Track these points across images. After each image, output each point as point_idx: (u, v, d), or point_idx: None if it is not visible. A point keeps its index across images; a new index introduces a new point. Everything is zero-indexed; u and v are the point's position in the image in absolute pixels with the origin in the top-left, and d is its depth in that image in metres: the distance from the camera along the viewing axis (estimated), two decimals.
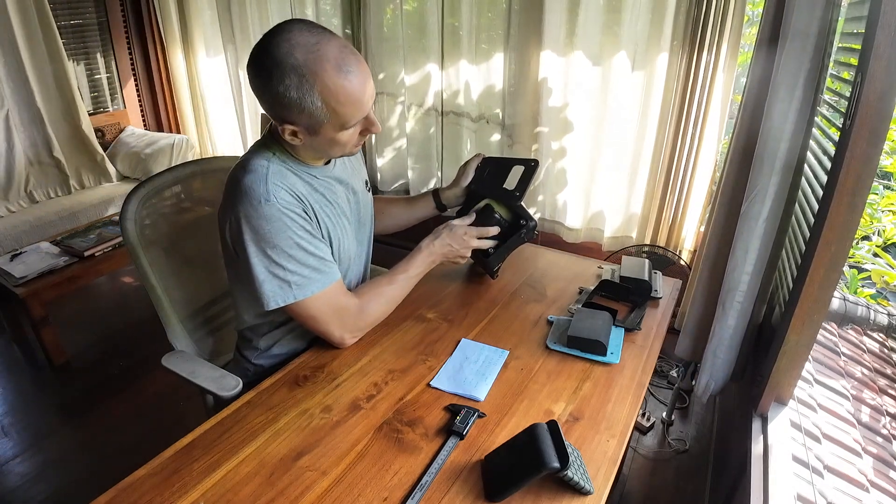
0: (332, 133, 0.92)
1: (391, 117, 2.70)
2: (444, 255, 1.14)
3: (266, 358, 1.14)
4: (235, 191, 0.94)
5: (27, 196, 2.78)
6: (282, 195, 0.93)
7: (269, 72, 0.85)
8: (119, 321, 2.57)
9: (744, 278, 1.31)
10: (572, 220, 2.40)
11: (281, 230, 0.92)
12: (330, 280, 0.99)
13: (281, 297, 0.95)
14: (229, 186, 0.96)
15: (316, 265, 0.97)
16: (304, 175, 1.01)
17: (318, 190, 1.02)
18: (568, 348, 1.06)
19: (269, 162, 0.96)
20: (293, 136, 0.93)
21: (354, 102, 0.89)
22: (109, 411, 1.99)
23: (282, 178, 0.95)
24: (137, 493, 0.75)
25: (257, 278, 0.94)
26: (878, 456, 1.13)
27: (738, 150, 1.36)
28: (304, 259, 0.95)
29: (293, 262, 0.94)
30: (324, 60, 0.84)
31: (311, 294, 0.97)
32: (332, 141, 0.94)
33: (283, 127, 0.91)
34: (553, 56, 2.15)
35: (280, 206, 0.92)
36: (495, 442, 0.85)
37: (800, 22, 1.10)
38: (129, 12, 3.18)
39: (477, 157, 1.31)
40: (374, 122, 0.96)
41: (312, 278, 0.97)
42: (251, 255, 0.93)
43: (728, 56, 1.86)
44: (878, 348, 1.62)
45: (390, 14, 2.50)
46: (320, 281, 0.98)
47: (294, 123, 0.90)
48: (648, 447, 1.84)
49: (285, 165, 0.98)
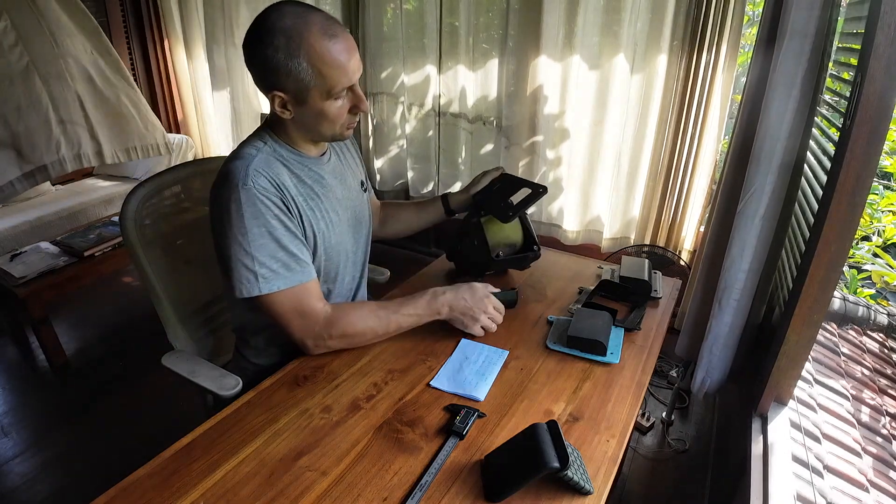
0: (319, 102, 0.93)
1: (391, 118, 2.70)
2: (451, 308, 1.06)
3: (265, 357, 1.14)
4: (219, 176, 0.95)
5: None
6: (260, 181, 0.93)
7: (259, 37, 0.89)
8: (119, 321, 2.57)
9: (740, 276, 1.31)
10: (570, 222, 2.40)
11: (254, 216, 0.92)
12: (299, 279, 0.97)
13: (246, 288, 0.95)
14: (218, 172, 0.97)
15: (286, 260, 0.96)
16: (295, 165, 1.01)
17: (306, 182, 1.02)
18: (568, 348, 1.06)
19: (259, 150, 0.97)
20: (283, 109, 0.95)
21: (340, 66, 0.90)
22: (109, 411, 2.00)
23: (267, 166, 0.95)
24: (137, 493, 0.75)
25: (230, 264, 0.94)
26: (878, 456, 1.13)
27: (737, 149, 1.36)
28: (273, 251, 0.94)
29: (262, 252, 0.93)
30: (311, 24, 0.88)
31: (276, 289, 0.95)
32: (321, 114, 0.95)
33: (272, 95, 0.93)
34: (552, 57, 2.15)
35: (256, 191, 0.92)
36: (495, 442, 0.85)
37: (798, 22, 1.10)
38: (128, 12, 3.18)
39: (496, 170, 1.33)
40: (362, 98, 0.97)
41: (280, 273, 0.95)
42: (228, 238, 0.93)
43: (728, 56, 1.86)
44: (878, 348, 1.62)
45: (390, 13, 2.50)
46: (287, 278, 0.96)
47: (282, 90, 0.92)
48: (648, 447, 1.84)
49: (276, 155, 0.99)
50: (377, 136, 2.75)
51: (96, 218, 2.74)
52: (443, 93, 2.50)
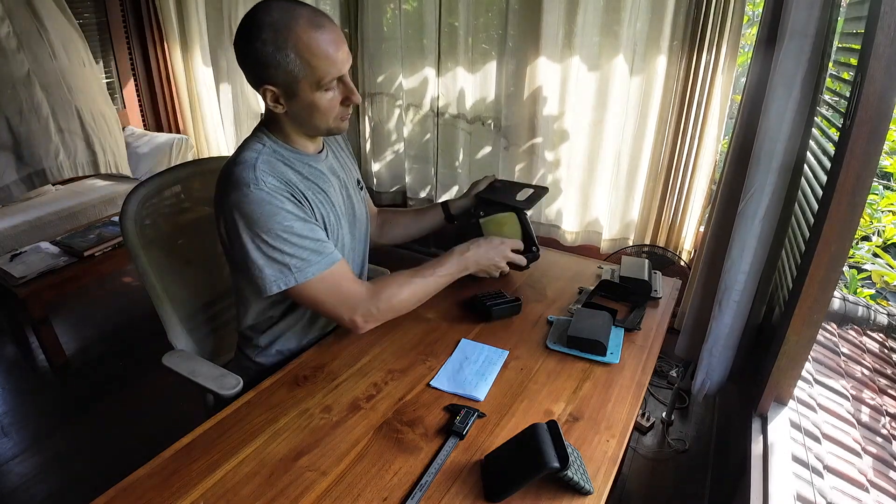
0: (309, 94, 0.94)
1: (389, 119, 2.70)
2: (477, 262, 1.12)
3: (267, 356, 1.14)
4: (225, 183, 0.95)
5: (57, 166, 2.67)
6: (269, 180, 0.94)
7: (248, 32, 0.90)
8: (119, 321, 2.57)
9: (740, 277, 1.31)
10: (569, 223, 2.40)
11: (272, 213, 0.93)
12: (331, 261, 0.99)
13: (282, 281, 0.95)
14: (220, 180, 0.97)
15: (313, 247, 0.97)
16: (296, 163, 1.01)
17: (309, 178, 1.02)
18: (568, 348, 1.06)
19: (259, 153, 0.98)
20: (275, 103, 0.96)
21: (328, 56, 0.91)
22: (109, 411, 2.00)
23: (270, 167, 0.96)
24: (137, 493, 0.75)
25: (256, 264, 0.94)
26: (878, 456, 1.13)
27: (737, 150, 1.36)
28: (299, 242, 0.95)
29: (289, 244, 0.94)
30: (298, 16, 0.89)
31: (311, 276, 0.96)
32: (312, 106, 0.95)
33: (263, 89, 0.94)
34: (551, 57, 2.14)
35: (268, 191, 0.93)
36: (495, 442, 0.85)
37: (797, 22, 1.10)
38: (128, 12, 3.18)
39: (489, 178, 1.36)
40: (353, 90, 0.98)
41: (311, 260, 0.96)
42: (246, 242, 0.93)
43: (728, 56, 1.86)
44: (877, 348, 1.62)
45: (390, 14, 2.49)
46: (320, 262, 0.97)
47: (273, 83, 0.93)
48: (648, 447, 1.84)
49: (276, 155, 0.99)
50: (375, 138, 2.75)
51: (96, 218, 2.74)
52: (441, 93, 2.49)
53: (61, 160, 2.66)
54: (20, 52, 2.49)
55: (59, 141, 2.64)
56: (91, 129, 2.75)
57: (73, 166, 2.72)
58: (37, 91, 2.55)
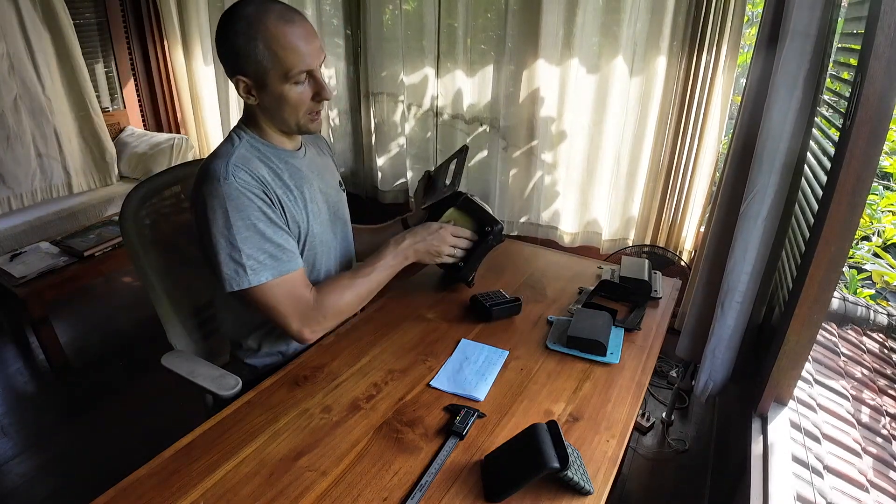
0: (278, 86, 0.96)
1: (391, 117, 2.70)
2: (416, 249, 1.11)
3: (257, 358, 1.15)
4: (201, 175, 0.96)
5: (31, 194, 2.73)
6: (241, 175, 0.95)
7: (224, 23, 0.94)
8: (119, 321, 2.57)
9: (743, 278, 1.31)
10: (568, 224, 2.40)
11: (238, 209, 0.93)
12: (287, 269, 0.98)
13: (236, 282, 0.95)
14: (197, 172, 0.99)
15: (272, 251, 0.97)
16: (273, 158, 1.02)
17: (284, 173, 1.03)
18: (568, 348, 1.06)
19: (235, 147, 0.99)
20: (248, 94, 0.98)
21: (294, 49, 0.93)
22: (109, 411, 2.00)
23: (245, 162, 0.97)
24: (137, 493, 0.75)
25: (218, 258, 0.95)
26: (878, 456, 1.13)
27: (737, 150, 1.36)
28: (259, 243, 0.95)
29: (248, 244, 0.94)
30: (269, 11, 0.93)
31: (264, 280, 0.96)
32: (282, 98, 0.97)
33: (236, 79, 0.96)
34: (551, 58, 2.14)
35: (238, 185, 0.93)
36: (495, 442, 0.85)
37: (799, 22, 1.10)
38: (128, 12, 3.18)
39: (422, 180, 1.33)
40: (324, 86, 0.99)
41: (267, 265, 0.96)
42: (213, 234, 0.94)
43: (728, 56, 1.86)
44: (877, 348, 1.62)
45: (389, 14, 2.50)
46: (275, 268, 0.97)
47: (244, 73, 0.95)
48: (648, 447, 1.84)
49: (254, 152, 1.00)
50: (378, 135, 2.75)
51: (96, 218, 2.74)
52: (440, 94, 2.50)
53: (37, 185, 2.74)
54: (10, 78, 2.55)
55: (37, 166, 2.72)
56: (67, 151, 2.82)
57: (47, 188, 2.80)
58: (23, 118, 2.62)
